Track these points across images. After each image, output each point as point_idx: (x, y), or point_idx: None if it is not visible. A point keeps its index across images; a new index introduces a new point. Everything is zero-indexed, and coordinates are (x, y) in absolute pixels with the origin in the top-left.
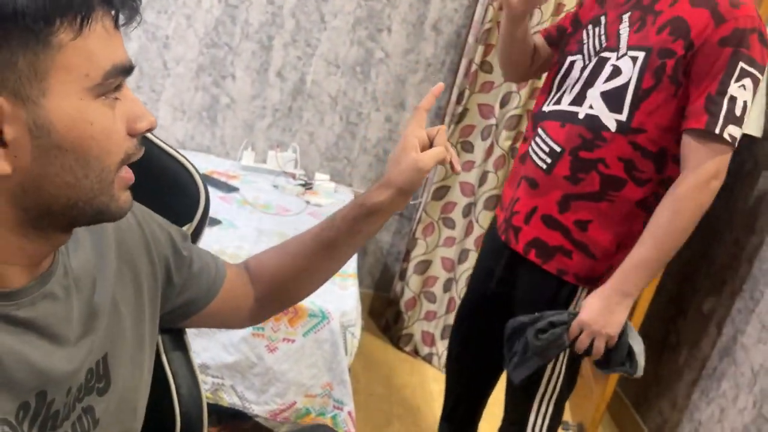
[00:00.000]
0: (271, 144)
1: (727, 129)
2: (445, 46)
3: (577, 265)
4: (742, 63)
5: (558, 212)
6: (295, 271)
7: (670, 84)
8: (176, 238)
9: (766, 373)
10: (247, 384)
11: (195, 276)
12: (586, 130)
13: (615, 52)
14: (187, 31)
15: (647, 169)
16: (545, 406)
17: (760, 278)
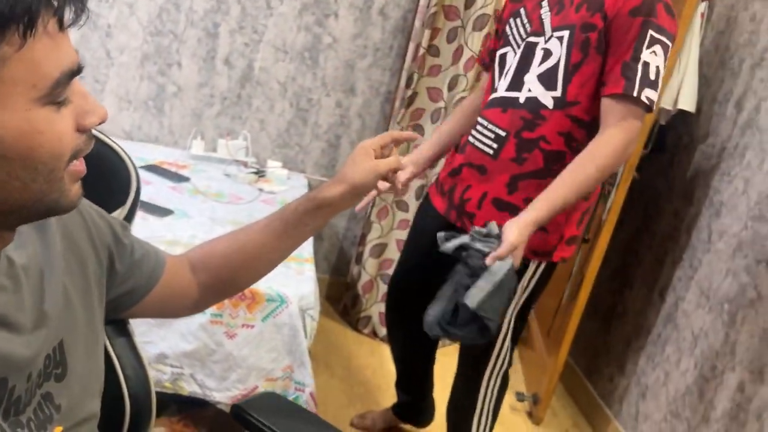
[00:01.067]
0: (220, 132)
1: (644, 92)
2: (393, 30)
3: (531, 242)
4: (651, 31)
5: (507, 194)
6: (243, 259)
7: (596, 55)
8: (116, 227)
9: (705, 336)
10: (207, 372)
11: (137, 264)
12: (527, 111)
13: (542, 36)
14: (129, 19)
15: (582, 137)
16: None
17: (698, 247)
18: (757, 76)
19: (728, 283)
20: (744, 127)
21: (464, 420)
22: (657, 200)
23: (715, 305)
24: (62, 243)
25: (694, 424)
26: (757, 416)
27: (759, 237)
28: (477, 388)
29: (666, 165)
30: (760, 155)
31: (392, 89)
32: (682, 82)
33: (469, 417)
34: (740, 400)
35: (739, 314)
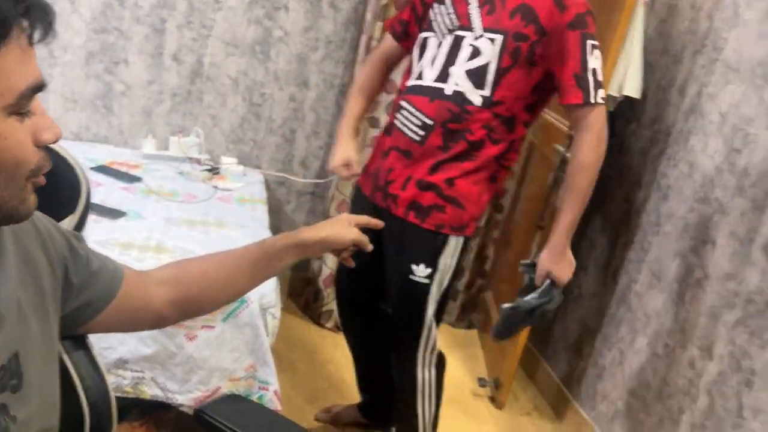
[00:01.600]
0: (172, 130)
1: (598, 94)
2: (344, 22)
3: (450, 218)
4: (589, 40)
5: (429, 175)
6: (215, 281)
7: (525, 63)
8: (71, 239)
9: (657, 316)
10: (168, 374)
11: (93, 276)
12: (453, 104)
13: (470, 32)
14: (71, 16)
15: (501, 131)
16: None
17: (648, 229)
18: (698, 63)
19: (677, 264)
20: (687, 112)
21: (408, 404)
22: (608, 185)
23: (665, 285)
24: (16, 256)
25: (650, 401)
26: (707, 391)
27: (704, 218)
28: (414, 371)
29: (615, 151)
30: (703, 139)
31: (346, 82)
32: (627, 69)
33: (412, 401)
34: (691, 376)
35: (687, 293)
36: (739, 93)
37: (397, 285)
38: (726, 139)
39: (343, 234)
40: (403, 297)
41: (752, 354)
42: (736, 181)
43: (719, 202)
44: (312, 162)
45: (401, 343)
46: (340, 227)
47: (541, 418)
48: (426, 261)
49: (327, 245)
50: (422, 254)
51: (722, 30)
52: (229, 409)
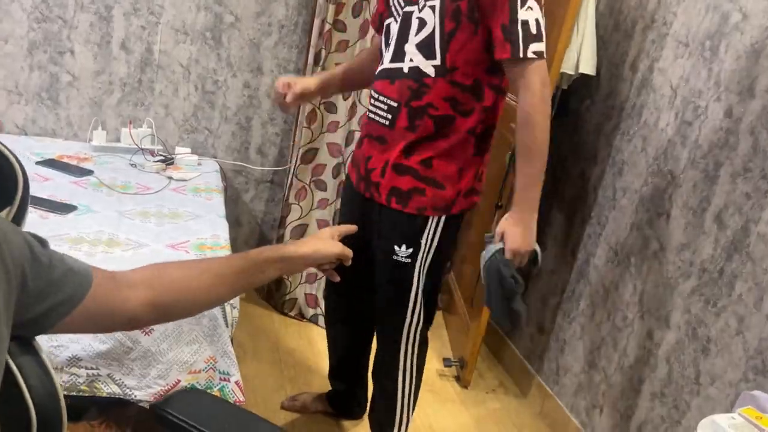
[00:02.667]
0: (123, 121)
1: (530, 48)
2: (297, 6)
3: (431, 200)
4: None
5: (404, 158)
6: (195, 289)
7: (468, 23)
8: (33, 244)
9: (615, 289)
10: (125, 371)
11: (56, 282)
12: (412, 81)
13: (415, 5)
14: (11, 5)
15: (468, 100)
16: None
17: (604, 204)
18: (648, 38)
19: (633, 236)
20: (639, 87)
21: (389, 380)
22: (564, 163)
23: (623, 258)
24: None
25: (610, 373)
26: (666, 359)
27: (658, 191)
28: (397, 347)
29: (570, 128)
30: (655, 114)
31: (301, 67)
32: (581, 46)
33: (393, 376)
34: (650, 346)
35: (644, 265)
36: (688, 66)
37: (381, 267)
38: (677, 112)
39: (328, 249)
40: (386, 277)
41: (707, 322)
42: (688, 153)
43: (672, 175)
44: (269, 149)
45: (385, 323)
46: (325, 243)
47: (506, 395)
48: (407, 241)
49: (311, 261)
50: (403, 235)
51: (671, 5)
52: (187, 404)
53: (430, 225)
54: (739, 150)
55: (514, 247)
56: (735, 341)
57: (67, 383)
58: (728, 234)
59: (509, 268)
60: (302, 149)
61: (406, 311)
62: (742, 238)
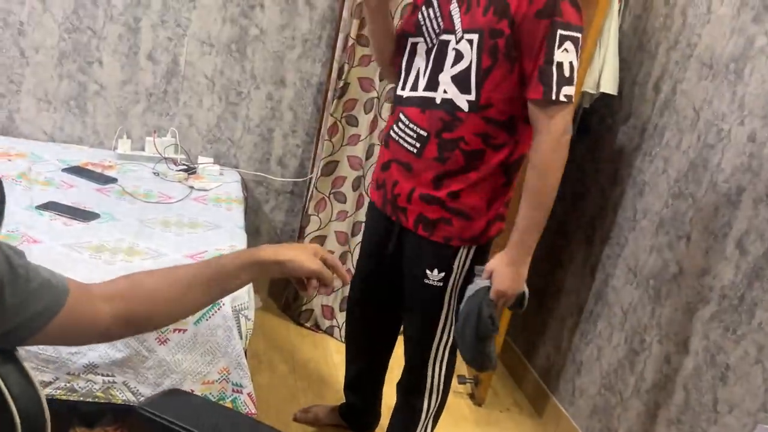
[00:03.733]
0: (147, 130)
1: (562, 91)
2: (321, 21)
3: (458, 230)
4: (560, 30)
5: (433, 189)
6: (167, 297)
7: (505, 61)
8: (10, 255)
9: (633, 311)
10: (140, 379)
11: (33, 294)
12: (444, 113)
13: (453, 35)
14: (43, 15)
15: (500, 135)
16: (440, 357)
17: (624, 225)
18: (672, 59)
19: (653, 259)
20: (662, 108)
21: (415, 400)
22: (584, 181)
23: (642, 281)
24: None
25: (626, 396)
26: (683, 386)
27: (679, 214)
28: (425, 369)
29: (591, 147)
30: (678, 135)
31: (323, 80)
32: (603, 66)
33: (420, 395)
34: (667, 371)
35: (663, 289)
36: (712, 89)
37: (411, 289)
38: (700, 134)
39: (303, 262)
40: (417, 300)
41: (727, 349)
42: (710, 177)
43: (693, 198)
44: (290, 161)
45: (415, 344)
46: (303, 255)
47: (520, 414)
48: (439, 266)
49: (285, 269)
50: (435, 261)
51: (696, 26)
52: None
53: (462, 251)
54: (762, 175)
55: (501, 288)
56: (754, 370)
57: (84, 389)
58: (749, 260)
59: (490, 308)
60: (323, 161)
61: (435, 332)
62: (764, 264)
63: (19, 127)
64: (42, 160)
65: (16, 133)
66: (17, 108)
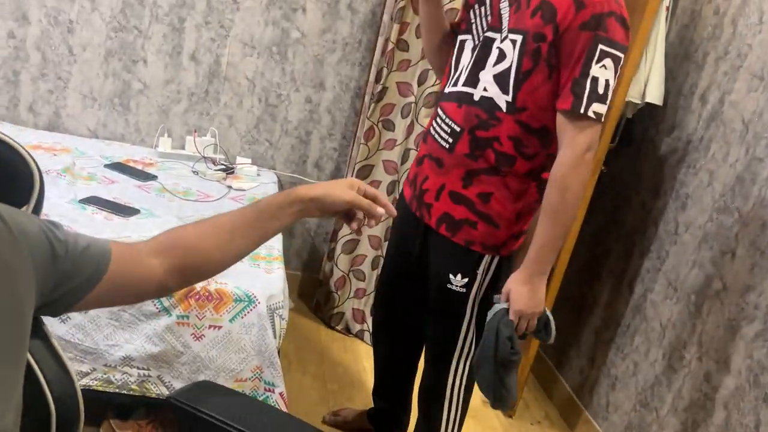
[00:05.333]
0: (188, 129)
1: (592, 107)
2: (361, 25)
3: (482, 235)
4: (601, 45)
5: (462, 187)
6: (212, 245)
7: (545, 66)
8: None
9: (672, 327)
10: (174, 374)
11: (80, 259)
12: (482, 111)
13: (499, 33)
14: (92, 14)
15: (532, 144)
16: (461, 367)
17: (665, 239)
18: (720, 69)
19: (694, 274)
20: (708, 119)
21: (434, 408)
22: (625, 193)
23: (682, 296)
24: None
25: (663, 414)
26: (724, 405)
27: (723, 229)
28: (446, 375)
29: (633, 158)
30: (725, 148)
31: (362, 84)
32: (649, 76)
33: (439, 403)
34: (707, 390)
35: (705, 305)
36: (763, 101)
37: (434, 293)
38: (748, 147)
39: (339, 194)
40: (440, 305)
41: None
42: (758, 191)
43: (740, 212)
44: (326, 163)
45: (436, 350)
46: (338, 188)
47: (551, 427)
48: (462, 271)
49: (322, 205)
50: (459, 265)
51: (746, 36)
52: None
53: (486, 259)
54: None
55: (518, 307)
56: None
57: (119, 381)
58: None
59: (508, 328)
60: (358, 165)
61: (457, 340)
62: None
63: (64, 122)
64: (85, 155)
65: (62, 128)
66: (63, 104)
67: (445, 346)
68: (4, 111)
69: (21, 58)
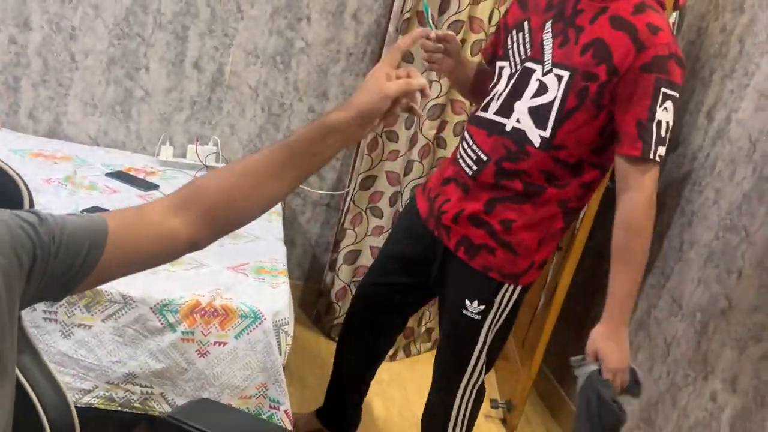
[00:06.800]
0: (190, 137)
1: (657, 151)
2: (366, 35)
3: (500, 262)
4: (663, 88)
5: (484, 213)
6: (241, 191)
7: (592, 106)
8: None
9: (677, 345)
10: (178, 391)
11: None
12: (512, 142)
13: (540, 65)
14: (95, 21)
15: (565, 175)
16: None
17: (670, 255)
18: (727, 87)
19: (700, 292)
20: (715, 137)
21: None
22: None
23: (687, 314)
24: None
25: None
26: (730, 425)
27: (729, 247)
28: (452, 400)
29: None
30: (731, 166)
31: None
32: None
33: (443, 428)
34: (713, 410)
35: (710, 323)
36: None
37: (448, 316)
38: (755, 166)
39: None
40: (453, 329)
41: None
42: (766, 210)
43: (747, 231)
44: (328, 173)
45: (444, 375)
46: (368, 92)
47: None
48: (480, 299)
49: (363, 120)
50: (476, 292)
51: (754, 55)
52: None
53: (507, 288)
54: None
55: (612, 365)
56: None
57: (122, 399)
58: None
59: (609, 390)
60: (361, 175)
61: (467, 366)
62: None
63: (65, 129)
64: (86, 163)
65: (62, 135)
66: (64, 111)
67: (454, 375)
68: (4, 117)
69: (22, 64)
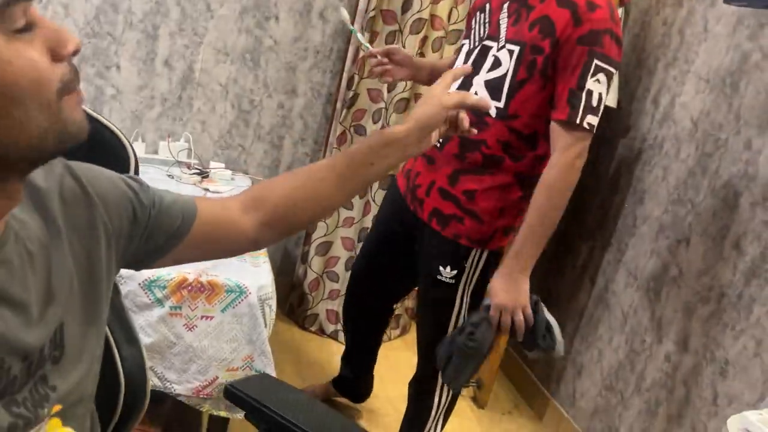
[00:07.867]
0: (161, 134)
1: (586, 119)
2: (332, 34)
3: (468, 230)
4: (597, 60)
5: (449, 185)
6: (302, 197)
7: (539, 77)
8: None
9: (633, 314)
10: (167, 364)
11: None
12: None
13: (496, 42)
14: (65, 20)
15: (521, 147)
16: None
17: (624, 232)
18: (670, 74)
19: (653, 262)
20: (661, 120)
21: (425, 397)
22: (585, 192)
23: (642, 284)
24: (66, 226)
25: (627, 395)
26: (684, 382)
27: (678, 219)
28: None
29: (592, 159)
30: (676, 145)
31: (333, 91)
32: None
33: (429, 394)
34: (668, 370)
35: (663, 290)
36: (709, 101)
37: (424, 285)
38: (698, 144)
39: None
40: (430, 297)
41: (726, 345)
42: (708, 183)
43: (692, 203)
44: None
45: (428, 339)
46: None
47: (521, 416)
48: (451, 264)
49: (422, 130)
50: (448, 258)
51: (693, 44)
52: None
53: (475, 253)
54: (758, 180)
55: (497, 300)
56: (753, 363)
57: None
58: (747, 260)
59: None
60: None
61: (447, 329)
62: (761, 263)
63: None
64: None
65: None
66: None
67: (436, 336)
68: None
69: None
